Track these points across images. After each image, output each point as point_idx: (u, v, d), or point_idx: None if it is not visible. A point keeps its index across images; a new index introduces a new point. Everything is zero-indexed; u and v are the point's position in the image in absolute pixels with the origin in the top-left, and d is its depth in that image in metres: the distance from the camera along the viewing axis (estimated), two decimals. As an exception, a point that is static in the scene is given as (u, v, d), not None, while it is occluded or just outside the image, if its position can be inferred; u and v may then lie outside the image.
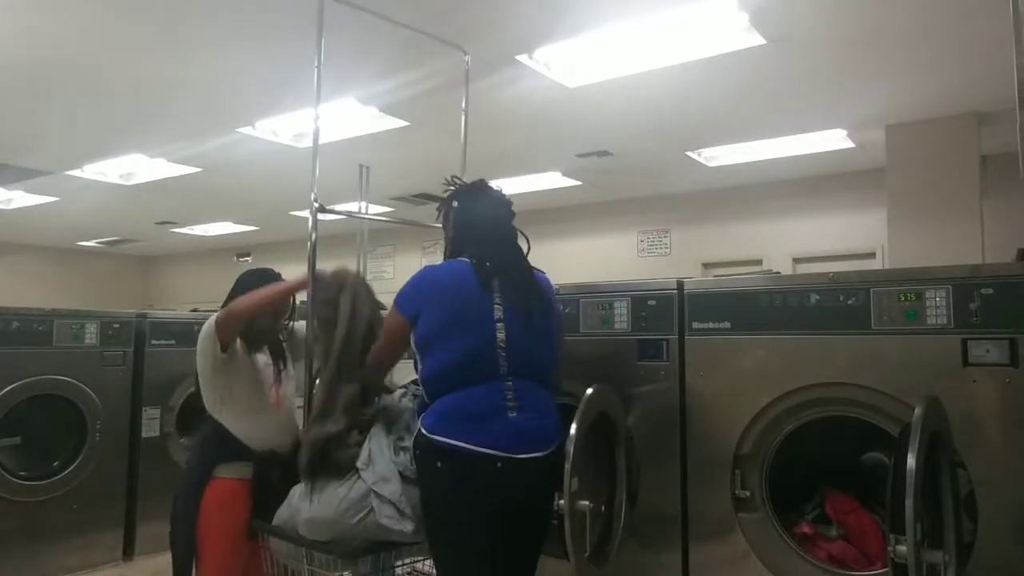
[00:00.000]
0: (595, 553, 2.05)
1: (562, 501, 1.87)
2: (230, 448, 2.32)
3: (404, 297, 2.01)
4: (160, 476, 3.98)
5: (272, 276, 2.52)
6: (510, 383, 1.92)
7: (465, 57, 3.06)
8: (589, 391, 2.02)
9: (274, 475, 2.27)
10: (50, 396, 3.78)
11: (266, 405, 2.43)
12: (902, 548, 1.47)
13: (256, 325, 2.44)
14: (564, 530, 1.88)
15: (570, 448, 1.88)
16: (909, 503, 1.46)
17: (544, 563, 2.06)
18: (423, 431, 1.90)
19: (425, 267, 2.04)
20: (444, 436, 1.86)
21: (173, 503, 2.42)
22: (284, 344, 2.62)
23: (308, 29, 2.41)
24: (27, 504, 3.66)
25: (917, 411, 1.59)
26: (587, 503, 1.92)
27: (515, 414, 1.91)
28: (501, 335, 1.92)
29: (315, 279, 2.28)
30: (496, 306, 1.95)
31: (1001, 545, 1.77)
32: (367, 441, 2.07)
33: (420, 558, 2.25)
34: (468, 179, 2.25)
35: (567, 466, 1.87)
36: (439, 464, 1.87)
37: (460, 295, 1.95)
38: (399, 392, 2.26)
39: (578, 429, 1.92)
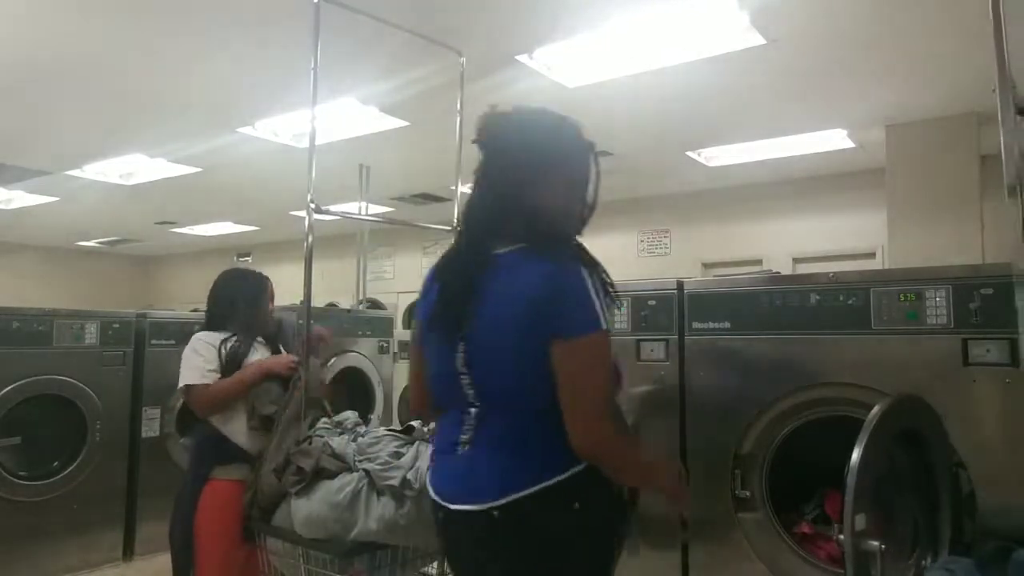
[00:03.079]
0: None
1: None
2: (226, 450, 2.32)
3: None
4: (160, 476, 3.96)
5: (255, 281, 2.53)
6: (472, 412, 1.46)
7: (461, 59, 3.06)
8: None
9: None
10: (50, 396, 3.77)
11: None
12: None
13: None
14: None
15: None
16: (849, 499, 1.44)
17: None
18: None
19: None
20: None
21: (174, 504, 2.43)
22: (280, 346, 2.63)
23: (308, 29, 2.41)
24: (27, 504, 3.65)
25: (875, 409, 1.55)
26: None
27: (465, 448, 1.46)
28: (460, 355, 1.44)
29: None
30: (462, 320, 1.45)
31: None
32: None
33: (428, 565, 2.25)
34: (464, 180, 2.23)
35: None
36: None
37: (426, 303, 1.56)
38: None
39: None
